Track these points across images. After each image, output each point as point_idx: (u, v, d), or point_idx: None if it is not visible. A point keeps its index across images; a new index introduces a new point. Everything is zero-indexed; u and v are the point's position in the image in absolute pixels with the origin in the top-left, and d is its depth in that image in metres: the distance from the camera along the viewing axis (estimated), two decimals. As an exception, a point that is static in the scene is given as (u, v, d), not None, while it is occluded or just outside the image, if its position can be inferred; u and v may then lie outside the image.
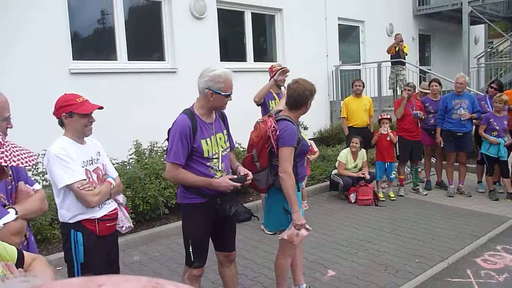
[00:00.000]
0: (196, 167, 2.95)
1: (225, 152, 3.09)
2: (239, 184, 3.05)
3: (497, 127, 6.59)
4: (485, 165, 7.02)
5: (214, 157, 2.99)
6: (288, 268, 3.55)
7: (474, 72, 14.27)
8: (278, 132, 3.16)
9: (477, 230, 5.43)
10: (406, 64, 11.04)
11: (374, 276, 4.26)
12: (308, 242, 4.86)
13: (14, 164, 1.18)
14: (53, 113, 2.76)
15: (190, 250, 3.03)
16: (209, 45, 8.39)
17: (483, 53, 15.66)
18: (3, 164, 1.17)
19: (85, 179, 2.70)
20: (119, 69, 7.22)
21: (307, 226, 3.24)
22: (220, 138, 3.07)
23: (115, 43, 7.33)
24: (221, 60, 8.57)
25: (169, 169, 2.95)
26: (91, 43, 7.41)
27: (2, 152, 1.17)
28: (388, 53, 11.20)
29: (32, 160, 1.23)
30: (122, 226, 2.98)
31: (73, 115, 2.70)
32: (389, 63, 11.15)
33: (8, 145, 1.22)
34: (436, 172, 7.73)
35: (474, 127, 7.05)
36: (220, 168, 3.02)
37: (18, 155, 1.21)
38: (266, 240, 5.22)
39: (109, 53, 7.39)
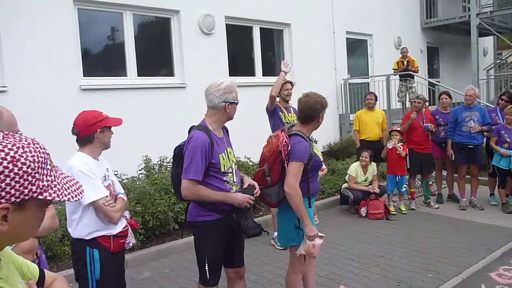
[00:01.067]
0: (212, 183, 2.93)
1: (235, 166, 3.10)
2: (253, 197, 3.02)
3: (508, 139, 6.52)
4: (497, 178, 6.94)
5: (229, 171, 2.99)
6: (299, 284, 3.49)
7: (484, 84, 14.20)
8: (289, 147, 3.15)
9: (491, 244, 5.34)
10: (415, 76, 11.02)
11: (387, 291, 4.20)
12: (319, 257, 4.80)
13: (66, 199, 1.15)
14: (79, 131, 2.76)
15: (206, 268, 2.98)
16: (218, 60, 8.45)
17: (492, 65, 15.59)
18: (56, 199, 1.14)
19: (107, 196, 2.73)
20: (129, 85, 7.29)
21: (320, 234, 3.21)
22: (230, 153, 3.08)
23: (125, 59, 7.41)
24: (230, 75, 8.61)
25: (187, 186, 2.88)
26: (101, 60, 7.50)
27: (55, 185, 1.14)
28: (396, 70, 11.21)
29: (81, 193, 1.20)
30: (129, 242, 2.98)
31: (105, 129, 2.80)
32: (398, 76, 11.13)
33: (58, 176, 1.18)
34: (448, 185, 7.65)
35: (485, 139, 6.98)
36: (235, 182, 3.02)
37: (68, 187, 1.18)
38: (277, 255, 5.18)
39: (119, 69, 7.46)
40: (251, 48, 9.44)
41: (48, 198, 1.10)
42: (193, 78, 7.91)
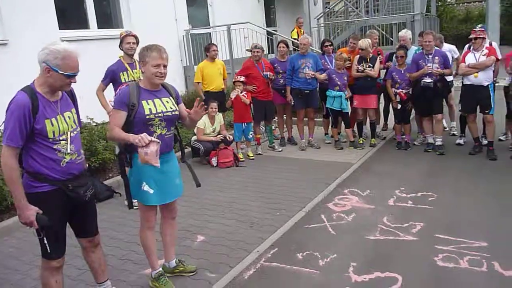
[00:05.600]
0: (41, 151, 2.68)
1: (74, 133, 2.84)
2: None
3: (339, 83, 7.21)
4: (330, 118, 7.69)
5: (61, 138, 2.73)
6: (150, 241, 3.45)
7: (315, 31, 15.30)
8: None
9: (327, 178, 5.99)
10: (252, 25, 11.29)
11: (241, 234, 4.46)
12: (175, 211, 4.86)
13: None
14: None
15: (45, 242, 2.77)
16: (44, 11, 7.58)
17: (322, 14, 16.81)
18: None
19: None
20: None
21: (154, 140, 3.01)
22: (69, 117, 2.81)
23: None
24: (60, 28, 7.84)
25: (3, 153, 2.61)
26: None
27: None
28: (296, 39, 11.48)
29: None
30: None
31: None
32: (238, 26, 11.30)
33: None
34: (287, 128, 8.24)
35: (318, 84, 7.61)
36: (69, 151, 2.77)
37: None
38: (132, 215, 5.06)
39: None
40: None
41: None
42: (15, 33, 7.01)
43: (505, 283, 3.36)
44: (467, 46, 6.95)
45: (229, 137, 7.08)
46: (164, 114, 3.24)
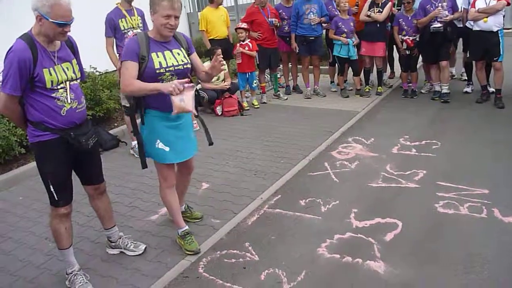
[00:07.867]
0: (40, 100, 2.68)
1: (73, 82, 2.82)
2: None
3: (346, 30, 7.04)
4: (336, 66, 7.57)
5: (59, 87, 2.72)
6: (172, 199, 3.37)
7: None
8: None
9: (332, 127, 5.99)
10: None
11: (245, 182, 4.53)
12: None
13: None
14: None
15: (52, 190, 2.84)
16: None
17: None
18: None
19: None
20: None
21: (186, 85, 2.91)
22: (67, 68, 2.78)
23: None
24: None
25: (5, 101, 2.63)
26: None
27: None
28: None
29: None
30: None
31: None
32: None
33: None
34: (292, 76, 8.15)
35: (324, 31, 7.44)
36: (68, 99, 2.76)
37: None
38: (138, 164, 5.08)
39: None
40: None
41: None
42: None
43: (504, 229, 3.42)
44: None
45: (225, 85, 6.96)
46: (176, 67, 3.07)
